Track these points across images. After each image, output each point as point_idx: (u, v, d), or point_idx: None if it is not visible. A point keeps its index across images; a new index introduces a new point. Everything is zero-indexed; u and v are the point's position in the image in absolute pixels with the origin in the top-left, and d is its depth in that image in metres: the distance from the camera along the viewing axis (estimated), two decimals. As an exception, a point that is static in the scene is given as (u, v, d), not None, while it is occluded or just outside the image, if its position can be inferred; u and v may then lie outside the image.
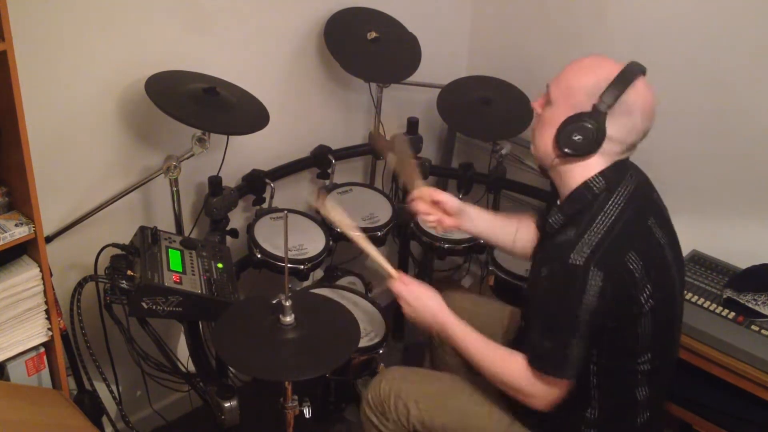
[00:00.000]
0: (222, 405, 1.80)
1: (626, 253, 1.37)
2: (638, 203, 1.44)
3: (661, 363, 1.50)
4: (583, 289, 1.34)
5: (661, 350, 1.48)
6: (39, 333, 1.70)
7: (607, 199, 1.41)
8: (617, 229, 1.38)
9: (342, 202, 2.27)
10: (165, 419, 2.27)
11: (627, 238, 1.38)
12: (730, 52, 2.04)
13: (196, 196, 2.15)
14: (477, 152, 2.71)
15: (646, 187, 1.51)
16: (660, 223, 1.46)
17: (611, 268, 1.35)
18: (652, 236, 1.44)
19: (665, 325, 1.48)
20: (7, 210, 1.61)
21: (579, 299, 1.35)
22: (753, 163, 2.07)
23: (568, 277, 1.36)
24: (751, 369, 1.76)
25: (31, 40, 1.64)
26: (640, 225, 1.43)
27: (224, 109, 1.85)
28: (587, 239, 1.37)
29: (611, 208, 1.40)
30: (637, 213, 1.43)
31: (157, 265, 1.71)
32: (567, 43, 2.41)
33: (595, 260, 1.34)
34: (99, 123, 1.87)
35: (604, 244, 1.36)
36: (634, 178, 1.47)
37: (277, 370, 1.49)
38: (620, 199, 1.42)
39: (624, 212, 1.40)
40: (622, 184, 1.44)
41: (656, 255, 1.43)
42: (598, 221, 1.39)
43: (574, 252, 1.36)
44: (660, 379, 1.53)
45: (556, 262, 1.40)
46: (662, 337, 1.48)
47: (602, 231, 1.37)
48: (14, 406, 1.59)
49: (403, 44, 2.31)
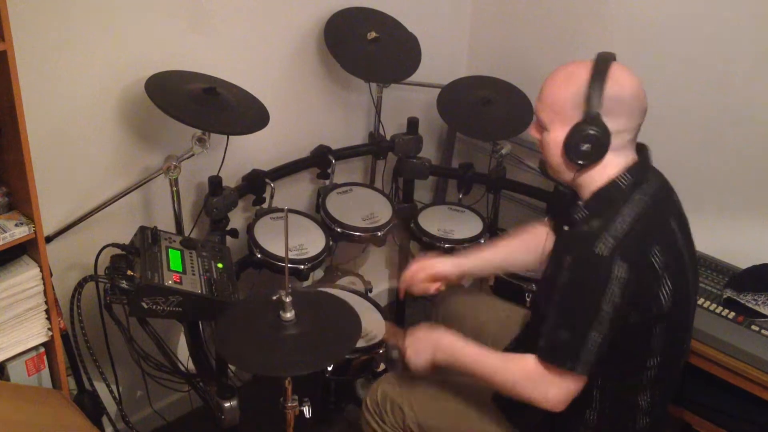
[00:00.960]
0: (222, 405, 1.80)
1: (651, 247, 1.36)
2: (661, 203, 1.44)
3: (668, 371, 1.50)
4: (607, 280, 1.32)
5: (670, 357, 1.47)
6: (39, 333, 1.70)
7: (633, 194, 1.41)
8: (642, 223, 1.37)
9: (342, 202, 2.28)
10: (165, 419, 2.27)
11: (651, 233, 1.38)
12: (730, 52, 2.04)
13: (196, 196, 2.15)
14: (477, 152, 2.71)
15: (668, 188, 1.51)
16: (680, 227, 1.46)
17: (635, 261, 1.34)
18: (674, 237, 1.43)
19: (678, 330, 1.47)
20: (7, 210, 1.61)
21: (603, 290, 1.33)
22: (753, 163, 2.07)
23: (593, 266, 1.35)
24: (751, 369, 1.76)
25: (31, 40, 1.64)
26: (663, 223, 1.43)
27: (224, 109, 1.85)
28: (612, 231, 1.35)
29: (637, 204, 1.40)
30: (661, 212, 1.43)
31: (157, 265, 1.71)
32: (567, 43, 2.41)
33: (620, 251, 1.33)
34: (99, 123, 1.87)
35: (629, 236, 1.35)
36: (658, 179, 1.47)
37: (278, 365, 1.48)
38: (646, 196, 1.41)
39: (649, 208, 1.40)
40: (648, 182, 1.44)
41: (676, 256, 1.42)
42: (623, 214, 1.38)
43: (599, 242, 1.34)
44: (664, 388, 1.52)
45: (580, 252, 1.38)
46: (674, 344, 1.47)
47: (627, 224, 1.37)
48: (14, 406, 1.60)
49: (403, 44, 2.31)
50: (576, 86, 1.39)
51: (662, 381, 1.49)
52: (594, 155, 1.40)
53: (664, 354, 1.45)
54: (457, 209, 2.41)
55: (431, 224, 2.29)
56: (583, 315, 1.37)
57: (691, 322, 1.54)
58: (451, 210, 2.41)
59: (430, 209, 2.42)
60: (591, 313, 1.35)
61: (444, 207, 2.43)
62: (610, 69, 1.39)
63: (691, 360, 1.85)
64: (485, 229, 2.28)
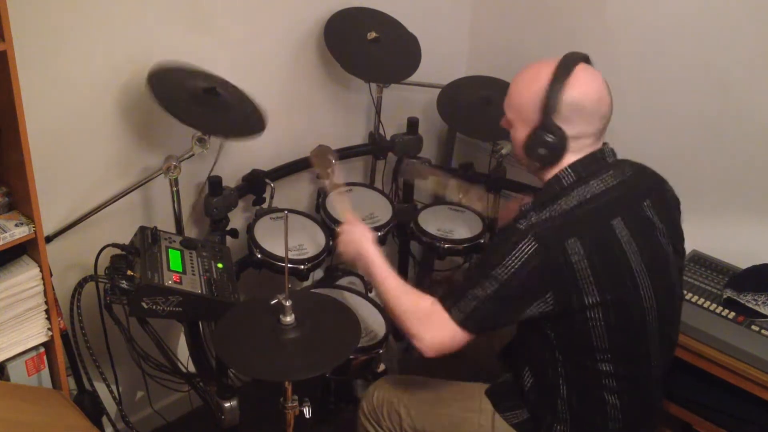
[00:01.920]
0: (222, 405, 1.80)
1: (568, 238, 1.38)
2: (608, 202, 1.44)
3: (631, 372, 1.49)
4: (511, 251, 1.38)
5: (624, 357, 1.47)
6: (39, 333, 1.70)
7: (573, 189, 1.45)
8: (571, 216, 1.41)
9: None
10: (165, 419, 2.27)
11: (576, 226, 1.40)
12: (730, 51, 2.04)
13: (196, 196, 2.16)
14: (477, 152, 2.71)
15: (635, 191, 1.50)
16: (634, 232, 1.44)
17: (546, 244, 1.37)
18: (612, 236, 1.42)
19: (623, 331, 1.46)
20: (7, 210, 1.61)
21: (503, 255, 1.39)
22: (753, 163, 2.07)
23: (507, 236, 1.42)
24: (751, 369, 1.76)
25: (31, 40, 1.64)
26: (599, 220, 1.43)
27: (224, 110, 1.84)
28: (539, 214, 1.41)
29: (574, 198, 1.43)
30: (601, 210, 1.44)
31: (157, 265, 1.71)
32: (567, 43, 2.41)
33: (534, 231, 1.38)
34: (99, 123, 1.88)
35: (551, 222, 1.40)
36: (617, 179, 1.47)
37: (278, 370, 1.49)
38: (587, 192, 1.44)
39: (586, 204, 1.42)
40: (597, 178, 1.45)
41: (611, 255, 1.41)
42: (556, 204, 1.42)
43: (523, 218, 1.41)
44: (633, 390, 1.51)
45: (506, 224, 1.46)
46: (623, 344, 1.46)
47: (556, 213, 1.41)
48: (14, 406, 1.60)
49: (403, 44, 2.31)
50: (537, 87, 1.42)
51: (627, 383, 1.49)
52: (550, 158, 1.46)
53: (616, 353, 1.45)
54: (457, 209, 2.40)
55: (431, 224, 2.29)
56: (479, 272, 1.44)
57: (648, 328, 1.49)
58: (451, 210, 2.41)
59: (430, 209, 2.42)
60: (485, 271, 1.41)
61: (444, 207, 2.43)
62: (572, 73, 1.41)
63: (691, 360, 1.86)
64: (485, 229, 2.28)
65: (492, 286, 1.41)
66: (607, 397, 1.50)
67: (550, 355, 1.49)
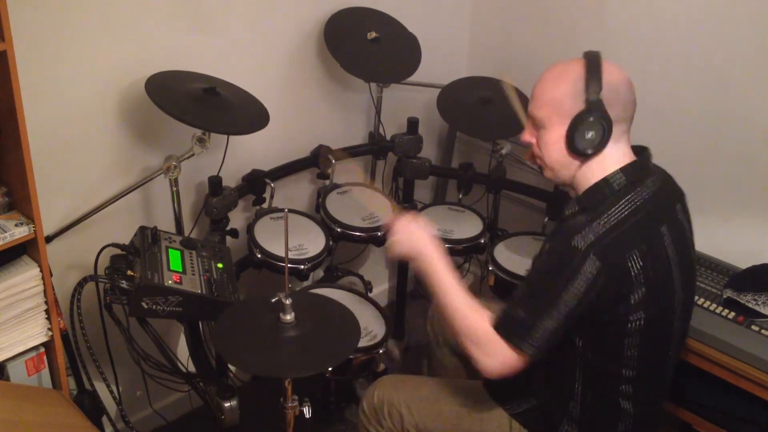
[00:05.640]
0: (222, 405, 1.80)
1: (629, 251, 1.36)
2: (655, 209, 1.43)
3: (648, 378, 1.49)
4: (576, 273, 1.34)
5: (647, 363, 1.47)
6: (39, 333, 1.70)
7: (625, 195, 1.41)
8: (627, 225, 1.37)
9: (342, 202, 2.28)
10: (165, 419, 2.27)
11: (634, 237, 1.37)
12: (729, 51, 2.04)
13: (196, 196, 2.16)
14: (477, 152, 2.71)
15: (670, 195, 1.50)
16: (674, 238, 1.44)
17: (610, 262, 1.34)
18: (662, 245, 1.42)
19: (656, 342, 1.46)
20: (7, 210, 1.61)
21: (568, 281, 1.35)
22: (753, 163, 2.07)
23: (566, 257, 1.36)
24: (751, 369, 1.76)
25: (31, 40, 1.64)
26: (651, 229, 1.41)
27: (224, 108, 1.85)
28: (595, 227, 1.36)
29: (626, 205, 1.40)
30: (651, 218, 1.42)
31: (157, 265, 1.71)
32: (567, 43, 2.41)
33: (596, 249, 1.34)
34: (99, 123, 1.88)
35: (609, 236, 1.35)
36: (657, 184, 1.46)
37: (278, 367, 1.49)
38: (638, 199, 1.41)
39: (638, 212, 1.39)
40: (643, 185, 1.43)
41: (659, 264, 1.41)
42: (610, 213, 1.38)
43: (579, 235, 1.35)
44: (647, 396, 1.51)
45: (559, 240, 1.41)
46: (650, 351, 1.46)
47: (611, 223, 1.37)
48: (14, 406, 1.59)
49: (403, 44, 2.31)
50: (572, 78, 1.41)
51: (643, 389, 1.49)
52: (600, 143, 1.40)
53: (642, 364, 1.45)
54: (457, 209, 2.41)
55: (431, 224, 2.29)
56: (544, 301, 1.38)
57: (676, 339, 1.51)
58: (451, 210, 2.41)
59: (430, 209, 2.42)
60: (551, 300, 1.37)
61: (444, 207, 2.43)
62: (601, 62, 1.42)
63: (691, 360, 1.86)
64: (485, 229, 2.28)
65: (561, 314, 1.37)
66: (622, 402, 1.49)
67: (570, 359, 1.47)
